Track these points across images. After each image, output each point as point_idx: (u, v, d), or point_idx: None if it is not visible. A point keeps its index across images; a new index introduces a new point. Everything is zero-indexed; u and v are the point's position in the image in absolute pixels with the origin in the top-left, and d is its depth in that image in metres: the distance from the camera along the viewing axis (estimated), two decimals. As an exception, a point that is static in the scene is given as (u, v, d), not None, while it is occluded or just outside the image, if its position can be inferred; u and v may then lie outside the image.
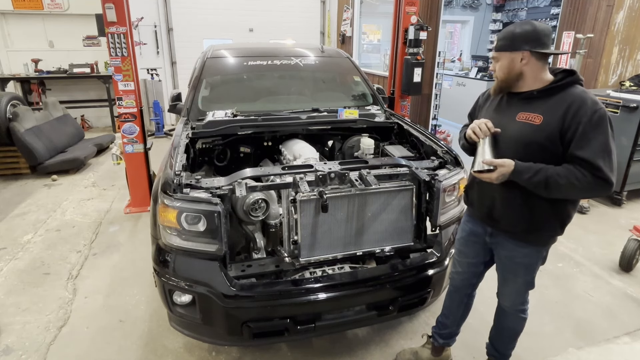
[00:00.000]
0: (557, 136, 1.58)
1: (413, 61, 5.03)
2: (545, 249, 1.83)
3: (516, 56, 1.63)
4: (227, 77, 3.59)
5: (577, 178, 1.52)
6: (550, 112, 1.60)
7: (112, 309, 2.80)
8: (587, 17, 4.79)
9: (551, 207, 1.67)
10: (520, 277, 1.88)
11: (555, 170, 1.55)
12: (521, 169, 1.59)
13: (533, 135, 1.61)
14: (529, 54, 1.61)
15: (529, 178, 1.58)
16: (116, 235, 3.82)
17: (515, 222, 1.74)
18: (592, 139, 1.52)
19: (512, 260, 1.85)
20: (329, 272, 2.17)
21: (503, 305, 2.04)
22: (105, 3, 3.74)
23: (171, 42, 8.12)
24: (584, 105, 1.54)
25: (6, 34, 7.52)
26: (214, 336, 2.14)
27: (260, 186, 2.09)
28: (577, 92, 1.60)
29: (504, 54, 1.66)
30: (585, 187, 1.53)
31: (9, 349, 2.44)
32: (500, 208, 1.77)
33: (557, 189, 1.55)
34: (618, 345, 2.54)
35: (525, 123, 1.64)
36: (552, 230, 1.75)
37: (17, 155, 5.29)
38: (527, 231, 1.74)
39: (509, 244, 1.82)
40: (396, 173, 2.29)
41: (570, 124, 1.55)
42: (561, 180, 1.53)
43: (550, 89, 1.63)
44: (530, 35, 1.60)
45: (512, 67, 1.65)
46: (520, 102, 1.70)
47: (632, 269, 3.30)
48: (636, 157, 4.33)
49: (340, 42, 9.22)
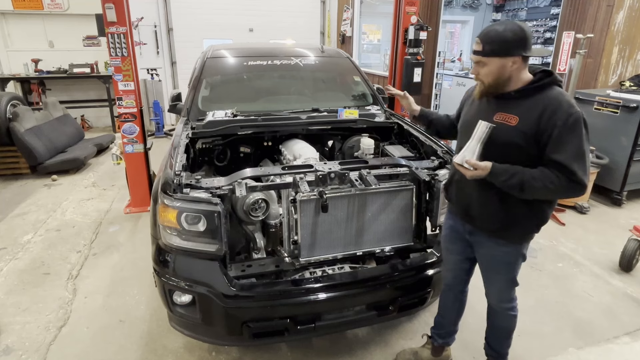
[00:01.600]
0: (532, 138, 1.58)
1: (413, 61, 5.03)
2: (523, 247, 1.83)
3: (507, 61, 1.58)
4: (227, 77, 3.58)
5: (551, 181, 1.52)
6: (526, 113, 1.59)
7: (112, 309, 2.80)
8: (587, 17, 4.79)
9: (527, 207, 1.69)
10: (502, 275, 1.89)
11: (530, 174, 1.55)
12: (497, 172, 1.58)
13: (509, 136, 1.60)
14: (520, 58, 1.58)
15: (504, 180, 1.58)
16: (116, 235, 3.82)
17: (491, 220, 1.76)
18: (567, 142, 1.52)
19: (493, 258, 1.87)
20: (329, 272, 2.17)
21: (491, 303, 2.04)
22: (105, 3, 3.74)
23: (171, 42, 8.12)
24: (559, 109, 1.53)
25: (6, 34, 7.52)
26: (214, 336, 2.14)
27: (260, 186, 2.08)
28: (554, 94, 1.59)
29: (494, 60, 1.59)
30: (559, 190, 1.54)
31: (9, 349, 2.44)
32: (476, 206, 1.79)
33: (532, 191, 1.56)
34: (618, 345, 2.54)
35: (502, 123, 1.64)
36: (528, 229, 1.77)
37: (17, 155, 5.28)
38: (502, 229, 1.75)
39: (488, 242, 1.84)
40: (396, 173, 2.29)
41: (545, 126, 1.54)
42: (536, 184, 1.53)
43: (528, 90, 1.62)
44: (522, 39, 1.57)
45: (502, 72, 1.60)
46: (499, 103, 1.69)
47: (632, 269, 3.30)
48: (636, 157, 4.33)
49: (340, 42, 9.22)
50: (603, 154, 4.43)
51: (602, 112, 4.51)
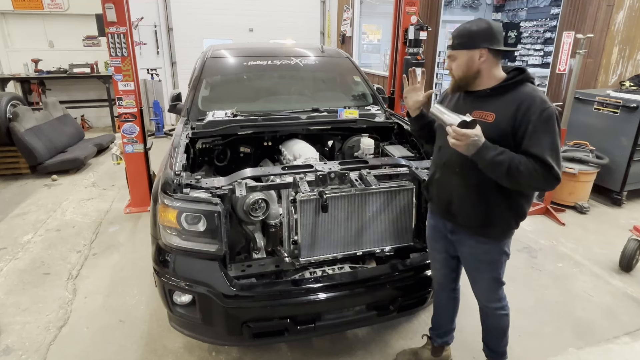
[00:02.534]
0: (509, 133, 1.62)
1: (413, 61, 5.03)
2: (504, 244, 1.84)
3: (474, 54, 1.65)
4: (227, 77, 3.58)
5: (535, 170, 1.56)
6: (502, 110, 1.64)
7: (112, 309, 2.80)
8: (587, 17, 4.79)
9: (506, 202, 1.71)
10: (486, 274, 1.89)
11: (518, 157, 1.57)
12: (489, 145, 1.58)
13: (486, 133, 1.61)
14: (487, 51, 1.65)
15: (494, 156, 1.56)
16: (116, 235, 3.82)
17: (471, 216, 1.78)
18: (542, 136, 1.57)
19: (475, 257, 1.88)
20: (329, 272, 2.17)
21: (480, 304, 2.03)
22: (105, 3, 3.74)
23: (171, 42, 8.12)
24: (533, 104, 1.59)
25: (6, 34, 7.52)
26: (214, 336, 2.14)
27: (260, 186, 2.08)
28: (528, 90, 1.64)
29: (462, 52, 1.68)
30: (538, 180, 1.57)
31: (9, 349, 2.44)
32: (457, 203, 1.80)
33: (516, 174, 1.56)
34: (618, 345, 2.54)
35: (479, 120, 1.65)
36: (507, 224, 1.78)
37: (17, 155, 5.29)
38: (483, 226, 1.77)
39: (469, 240, 1.85)
40: (396, 173, 2.29)
41: (521, 122, 1.59)
42: (522, 168, 1.56)
43: (503, 87, 1.67)
44: (487, 32, 1.64)
45: (470, 65, 1.67)
46: (475, 100, 1.74)
47: (632, 269, 3.30)
48: (636, 157, 4.33)
49: (340, 42, 9.23)
50: (603, 154, 4.43)
51: (602, 112, 4.51)
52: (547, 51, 7.53)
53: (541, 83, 6.93)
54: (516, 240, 3.77)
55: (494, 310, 1.99)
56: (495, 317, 2.02)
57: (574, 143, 4.54)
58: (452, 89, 1.79)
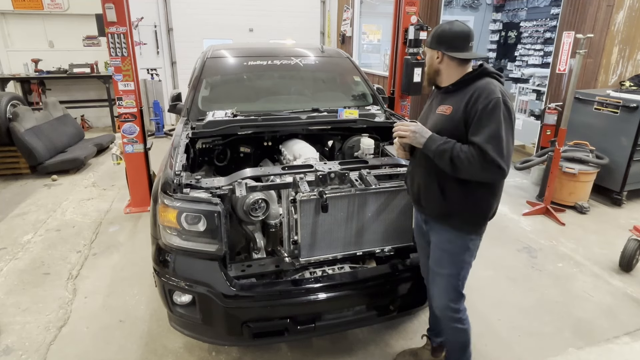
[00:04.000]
0: (462, 124, 1.69)
1: (413, 61, 5.02)
2: (469, 240, 1.83)
3: (433, 54, 1.79)
4: (227, 77, 3.58)
5: (473, 156, 1.61)
6: (458, 103, 1.72)
7: (112, 309, 2.80)
8: (587, 17, 4.79)
9: (463, 194, 1.75)
10: (445, 268, 1.88)
11: (460, 146, 1.65)
12: (435, 137, 1.71)
13: (443, 125, 1.74)
14: (441, 54, 1.76)
15: (438, 146, 1.68)
16: (116, 235, 3.82)
17: (433, 205, 1.83)
18: (485, 126, 1.62)
19: (439, 246, 1.89)
20: (329, 272, 2.17)
21: (437, 311, 2.00)
22: (105, 3, 3.74)
23: (171, 42, 8.12)
24: (482, 95, 1.65)
25: (6, 34, 7.52)
26: (214, 336, 2.14)
27: (260, 186, 2.08)
28: (482, 83, 1.70)
29: (427, 50, 1.83)
30: (478, 168, 1.61)
31: (9, 349, 2.44)
32: (423, 193, 1.86)
33: (458, 163, 1.63)
34: (618, 345, 2.54)
35: (439, 114, 1.79)
36: (469, 218, 1.80)
37: (17, 155, 5.29)
38: (444, 215, 1.81)
39: (437, 228, 1.88)
40: (396, 173, 2.29)
41: (470, 112, 1.67)
42: (462, 155, 1.62)
43: (462, 82, 1.75)
44: (444, 37, 1.75)
45: (431, 62, 1.82)
46: (441, 96, 1.84)
47: (632, 269, 3.30)
48: (636, 157, 4.33)
49: (340, 42, 9.22)
50: (603, 154, 4.43)
51: (602, 112, 4.51)
52: (547, 51, 7.55)
53: (541, 83, 6.94)
54: (516, 240, 3.77)
55: (450, 321, 1.95)
56: (451, 330, 1.98)
57: (574, 143, 4.54)
58: (425, 81, 1.96)
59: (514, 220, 4.19)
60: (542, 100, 5.89)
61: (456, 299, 1.93)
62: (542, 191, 4.57)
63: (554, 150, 4.18)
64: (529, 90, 7.28)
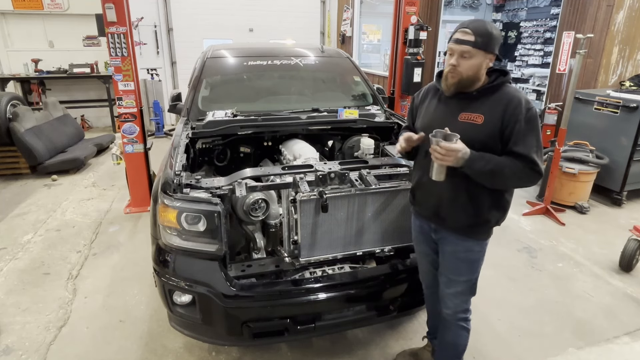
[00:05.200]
0: (497, 134, 1.65)
1: (413, 61, 5.03)
2: (485, 245, 1.85)
3: (488, 57, 1.64)
4: (227, 77, 3.58)
5: (518, 168, 1.61)
6: (490, 111, 1.66)
7: (112, 309, 2.80)
8: (587, 17, 4.79)
9: (492, 198, 1.74)
10: (463, 276, 1.87)
11: (501, 161, 1.62)
12: (474, 157, 1.61)
13: (477, 134, 1.66)
14: (494, 58, 1.66)
15: (482, 167, 1.61)
16: (116, 235, 3.82)
17: (462, 218, 1.78)
18: (527, 135, 1.62)
19: (456, 255, 1.86)
20: (329, 272, 2.17)
21: (445, 313, 1.98)
22: (105, 3, 3.74)
23: (171, 42, 8.12)
24: (519, 105, 1.63)
25: (6, 34, 7.52)
26: (214, 336, 2.13)
27: (260, 186, 2.08)
28: (512, 91, 1.68)
29: (480, 52, 1.61)
30: (522, 178, 1.63)
31: (9, 349, 2.44)
32: (447, 206, 1.80)
33: (501, 177, 1.63)
34: (618, 345, 2.54)
35: (468, 123, 1.69)
36: (495, 220, 1.80)
37: (17, 155, 5.29)
38: (471, 226, 1.79)
39: (452, 238, 1.85)
40: (396, 173, 2.29)
41: (508, 122, 1.63)
42: (506, 170, 1.61)
43: (489, 89, 1.69)
44: (500, 39, 1.69)
45: (480, 67, 1.64)
46: (461, 103, 1.73)
47: (632, 269, 3.30)
48: (636, 157, 4.33)
49: (340, 42, 9.23)
50: (603, 154, 4.43)
51: (602, 112, 4.51)
52: (547, 51, 7.54)
53: (541, 83, 6.94)
54: (516, 240, 3.77)
55: (458, 322, 1.96)
56: (457, 330, 1.98)
57: (574, 143, 4.54)
58: (449, 89, 1.70)
59: (514, 220, 4.19)
60: (542, 100, 5.89)
61: (469, 300, 1.95)
62: (542, 191, 4.57)
63: (554, 150, 4.18)
64: (529, 90, 7.28)
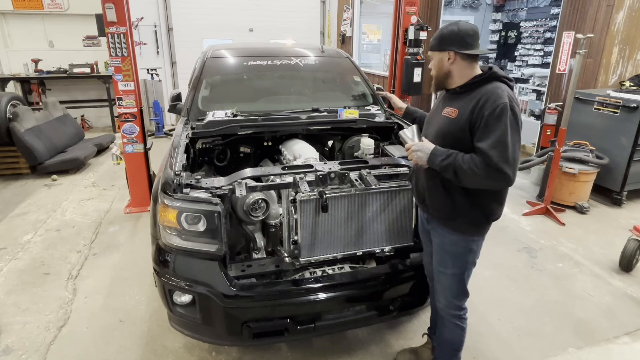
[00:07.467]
0: (467, 128, 1.68)
1: (413, 61, 5.03)
2: (472, 240, 1.84)
3: (444, 56, 1.76)
4: (227, 77, 3.58)
5: (476, 165, 1.60)
6: (464, 107, 1.71)
7: (112, 309, 2.80)
8: (587, 17, 4.79)
9: (469, 198, 1.75)
10: (449, 268, 1.89)
11: (461, 157, 1.65)
12: (437, 152, 1.71)
13: (448, 128, 1.74)
14: (454, 54, 1.73)
15: (441, 161, 1.68)
16: (116, 235, 3.82)
17: (439, 208, 1.84)
18: (491, 131, 1.61)
19: (442, 247, 1.90)
20: (329, 272, 2.17)
21: (439, 307, 2.01)
22: (105, 3, 3.74)
23: (171, 42, 8.12)
24: (489, 100, 1.64)
25: (6, 34, 7.52)
26: (214, 336, 2.14)
27: (260, 186, 2.08)
28: (490, 87, 1.69)
29: (434, 54, 1.81)
30: (482, 175, 1.60)
31: (9, 349, 2.44)
32: (428, 195, 1.87)
33: (462, 174, 1.64)
34: (618, 345, 2.54)
35: (444, 117, 1.79)
36: (475, 220, 1.80)
37: (17, 155, 5.29)
38: (450, 218, 1.82)
39: (440, 229, 1.88)
40: (396, 173, 2.29)
41: (477, 117, 1.65)
42: (464, 166, 1.62)
43: (470, 85, 1.74)
44: (454, 36, 1.73)
45: (440, 65, 1.79)
46: (449, 98, 1.84)
47: (632, 269, 3.30)
48: (636, 157, 4.33)
49: (340, 42, 9.22)
50: (603, 154, 4.43)
51: (602, 112, 4.51)
52: (547, 51, 7.54)
53: (541, 83, 6.94)
54: (516, 240, 3.77)
55: (451, 318, 1.98)
56: (450, 327, 2.00)
57: (574, 143, 4.54)
58: (432, 87, 1.90)
59: (514, 220, 4.19)
60: (542, 100, 5.89)
61: (460, 296, 1.95)
62: (542, 191, 4.57)
63: (554, 150, 4.18)
64: (529, 90, 7.29)
